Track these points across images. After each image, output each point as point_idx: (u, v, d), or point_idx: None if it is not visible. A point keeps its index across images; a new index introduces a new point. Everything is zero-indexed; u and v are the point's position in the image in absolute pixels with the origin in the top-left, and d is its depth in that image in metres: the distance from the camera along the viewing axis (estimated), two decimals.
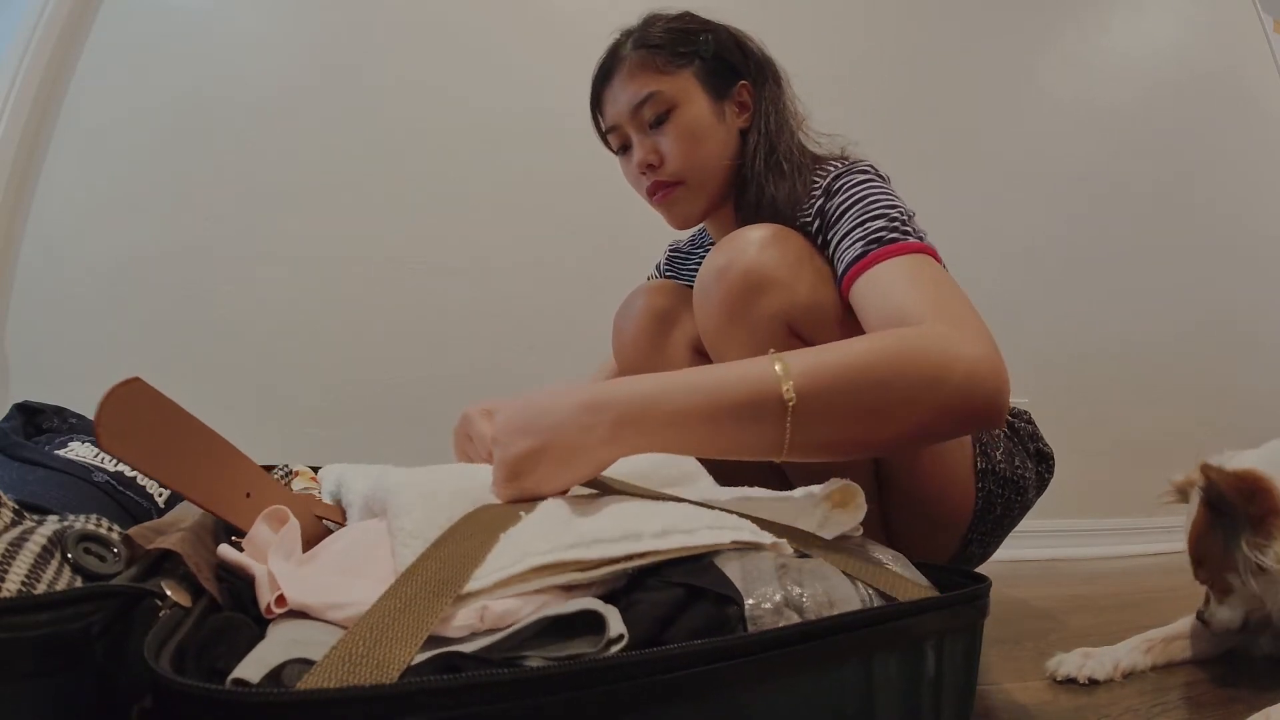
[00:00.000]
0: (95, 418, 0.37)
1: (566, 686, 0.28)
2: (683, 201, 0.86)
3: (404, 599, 0.33)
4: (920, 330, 0.55)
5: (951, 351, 0.53)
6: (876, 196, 0.71)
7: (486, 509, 0.44)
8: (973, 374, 0.53)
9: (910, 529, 0.81)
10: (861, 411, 0.51)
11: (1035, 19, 1.89)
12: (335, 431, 1.34)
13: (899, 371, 0.52)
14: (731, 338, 0.75)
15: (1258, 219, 2.01)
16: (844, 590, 0.41)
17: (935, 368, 0.52)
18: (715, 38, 0.85)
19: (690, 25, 0.85)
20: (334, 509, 0.58)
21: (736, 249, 0.73)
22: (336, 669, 0.27)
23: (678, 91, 0.82)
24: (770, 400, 0.50)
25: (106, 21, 1.35)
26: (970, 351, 0.53)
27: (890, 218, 0.68)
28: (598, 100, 0.88)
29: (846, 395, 0.51)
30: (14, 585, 0.31)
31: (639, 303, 0.93)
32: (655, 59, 0.82)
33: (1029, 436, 0.87)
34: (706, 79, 0.84)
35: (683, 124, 0.82)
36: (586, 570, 0.38)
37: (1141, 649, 0.74)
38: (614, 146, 0.90)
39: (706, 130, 0.83)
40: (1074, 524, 1.64)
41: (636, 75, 0.83)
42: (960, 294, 0.62)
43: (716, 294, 0.74)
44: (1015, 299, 1.75)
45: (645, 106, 0.82)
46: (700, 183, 0.84)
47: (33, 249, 1.27)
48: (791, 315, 0.72)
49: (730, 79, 0.85)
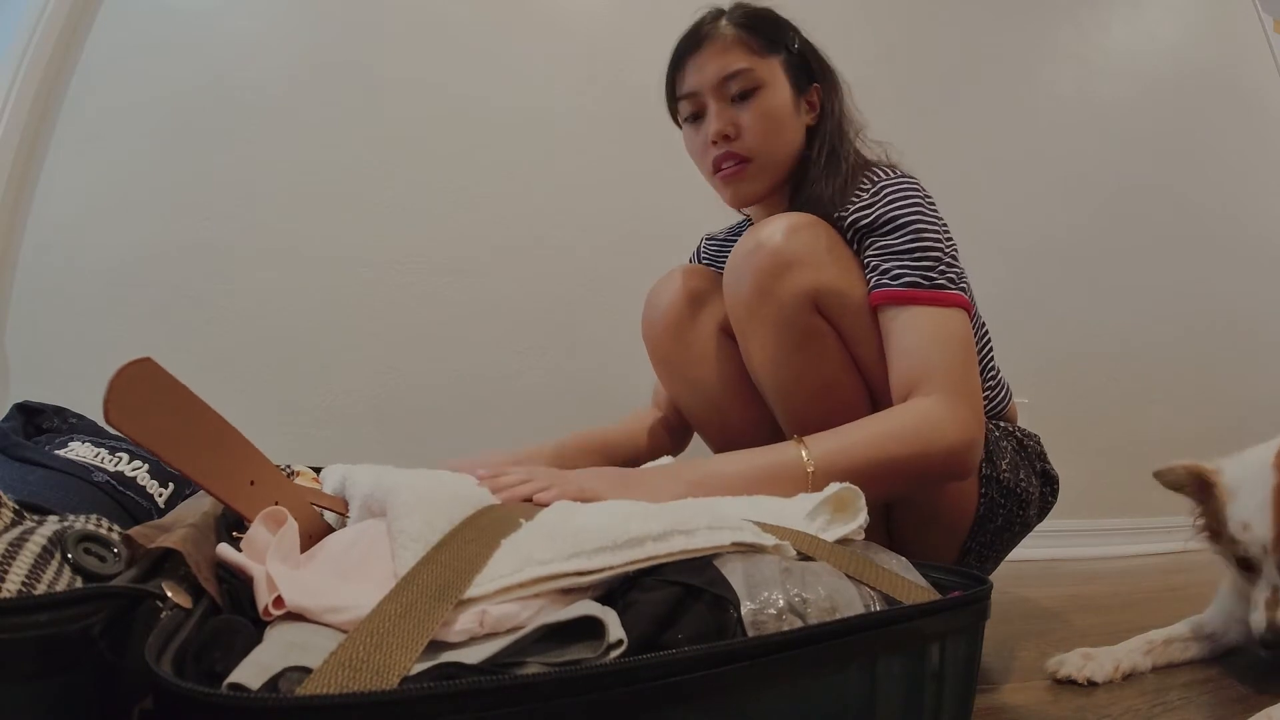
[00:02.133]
0: (105, 393, 0.37)
1: (566, 692, 0.28)
2: (748, 180, 0.89)
3: (404, 604, 0.33)
4: (915, 414, 0.70)
5: (936, 437, 0.69)
6: (930, 229, 0.77)
7: (487, 512, 0.44)
8: (951, 453, 0.69)
9: (911, 529, 0.81)
10: (864, 480, 0.62)
11: (1035, 18, 1.89)
12: (336, 431, 1.34)
13: (893, 454, 0.68)
14: (760, 315, 0.78)
15: (1258, 218, 2.01)
16: (847, 594, 0.41)
17: (922, 450, 0.68)
18: (799, 38, 0.90)
19: (780, 19, 0.90)
20: (335, 499, 0.58)
21: (767, 233, 0.77)
22: (336, 674, 0.27)
23: (767, 74, 0.86)
24: (797, 473, 0.66)
25: (106, 21, 1.35)
26: (953, 435, 0.69)
27: (938, 262, 0.75)
28: (679, 65, 0.90)
29: (853, 472, 0.64)
30: (14, 586, 0.31)
31: (674, 282, 0.96)
32: (753, 39, 0.86)
33: (1036, 456, 0.88)
34: (790, 71, 0.88)
35: (766, 105, 0.86)
36: (586, 575, 0.38)
37: (1141, 650, 0.74)
38: (684, 114, 0.92)
39: (785, 117, 0.87)
40: (1074, 524, 1.65)
41: (732, 48, 0.86)
42: (967, 359, 0.73)
43: (747, 272, 0.78)
44: (1015, 298, 1.75)
45: (734, 80, 0.85)
46: (767, 165, 0.88)
47: (33, 249, 1.27)
48: (818, 296, 0.76)
49: (807, 78, 0.90)
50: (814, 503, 0.52)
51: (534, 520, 0.44)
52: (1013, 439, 0.87)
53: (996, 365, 0.94)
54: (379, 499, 0.47)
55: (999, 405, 0.93)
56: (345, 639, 0.30)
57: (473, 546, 0.39)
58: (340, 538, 0.47)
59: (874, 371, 0.78)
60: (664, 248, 1.21)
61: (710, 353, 0.92)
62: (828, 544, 0.47)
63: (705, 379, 0.93)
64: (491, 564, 0.37)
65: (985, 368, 0.91)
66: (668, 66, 0.91)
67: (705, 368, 0.92)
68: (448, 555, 0.38)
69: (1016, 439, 0.87)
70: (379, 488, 0.48)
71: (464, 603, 0.34)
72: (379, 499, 0.47)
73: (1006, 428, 0.88)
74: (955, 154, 1.77)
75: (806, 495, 0.54)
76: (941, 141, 1.76)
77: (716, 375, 0.92)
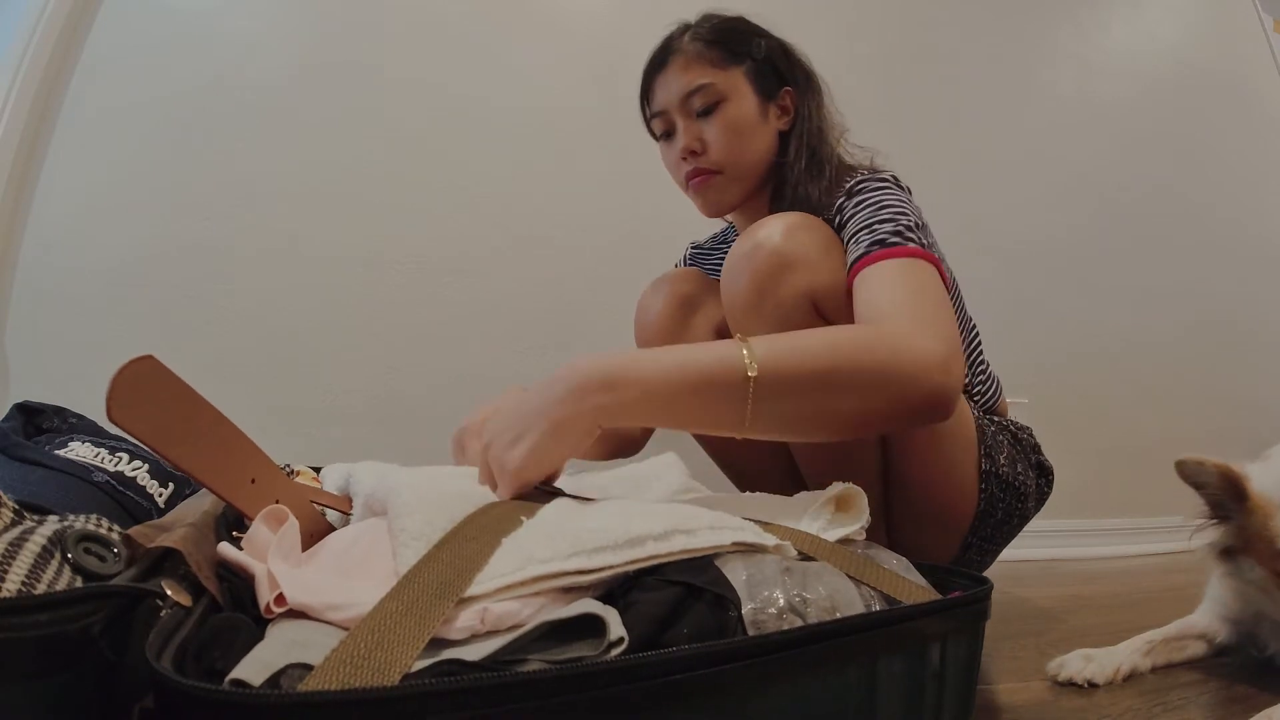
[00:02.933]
0: (107, 391, 0.38)
1: (566, 689, 0.28)
2: (717, 190, 0.89)
3: (406, 602, 0.33)
4: (879, 327, 0.62)
5: (902, 346, 0.59)
6: (890, 202, 0.75)
7: (488, 510, 0.44)
8: (918, 365, 0.58)
9: (912, 526, 0.81)
10: (816, 392, 0.57)
11: (1035, 18, 1.89)
12: (336, 431, 1.34)
13: (850, 358, 0.57)
14: (759, 316, 0.77)
15: (1258, 218, 2.01)
16: (847, 593, 0.41)
17: (884, 358, 0.58)
18: (767, 43, 0.90)
19: (745, 27, 0.90)
20: (336, 497, 0.58)
21: (765, 233, 0.76)
22: (338, 671, 0.27)
23: (728, 86, 0.86)
24: (735, 375, 0.55)
25: (106, 21, 1.35)
26: (920, 346, 0.59)
27: (897, 223, 0.72)
28: (649, 85, 0.92)
29: (802, 377, 0.56)
30: (14, 585, 0.31)
31: (664, 288, 0.96)
32: (711, 52, 0.87)
33: (1031, 448, 0.89)
34: (755, 79, 0.88)
35: (729, 117, 0.86)
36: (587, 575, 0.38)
37: (1141, 650, 0.74)
38: (657, 132, 0.94)
39: (750, 126, 0.87)
40: (1074, 524, 1.65)
41: (692, 66, 0.87)
42: (937, 299, 0.66)
43: (746, 273, 0.77)
44: (1015, 298, 1.75)
45: (696, 96, 0.86)
46: (737, 175, 0.88)
47: (33, 249, 1.27)
48: (816, 295, 0.75)
49: (776, 83, 0.90)
50: (816, 503, 0.52)
51: (535, 518, 0.44)
52: (1007, 432, 0.87)
53: (986, 360, 0.94)
54: (380, 498, 0.48)
55: (990, 400, 0.93)
56: (347, 636, 0.30)
57: (474, 545, 0.39)
58: (341, 536, 0.47)
59: None
60: (664, 248, 1.21)
61: None
62: (829, 544, 0.47)
63: None
64: (493, 562, 0.37)
65: (974, 362, 0.92)
66: (640, 85, 0.92)
67: None
68: (449, 553, 0.38)
69: (1011, 432, 0.87)
70: (381, 487, 0.48)
71: (465, 600, 0.34)
72: (380, 498, 0.48)
73: (1000, 422, 0.88)
74: (955, 154, 1.77)
75: (808, 494, 0.54)
76: (941, 141, 1.76)
77: None
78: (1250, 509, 0.68)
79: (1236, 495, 0.70)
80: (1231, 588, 0.77)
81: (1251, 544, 0.69)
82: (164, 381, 0.42)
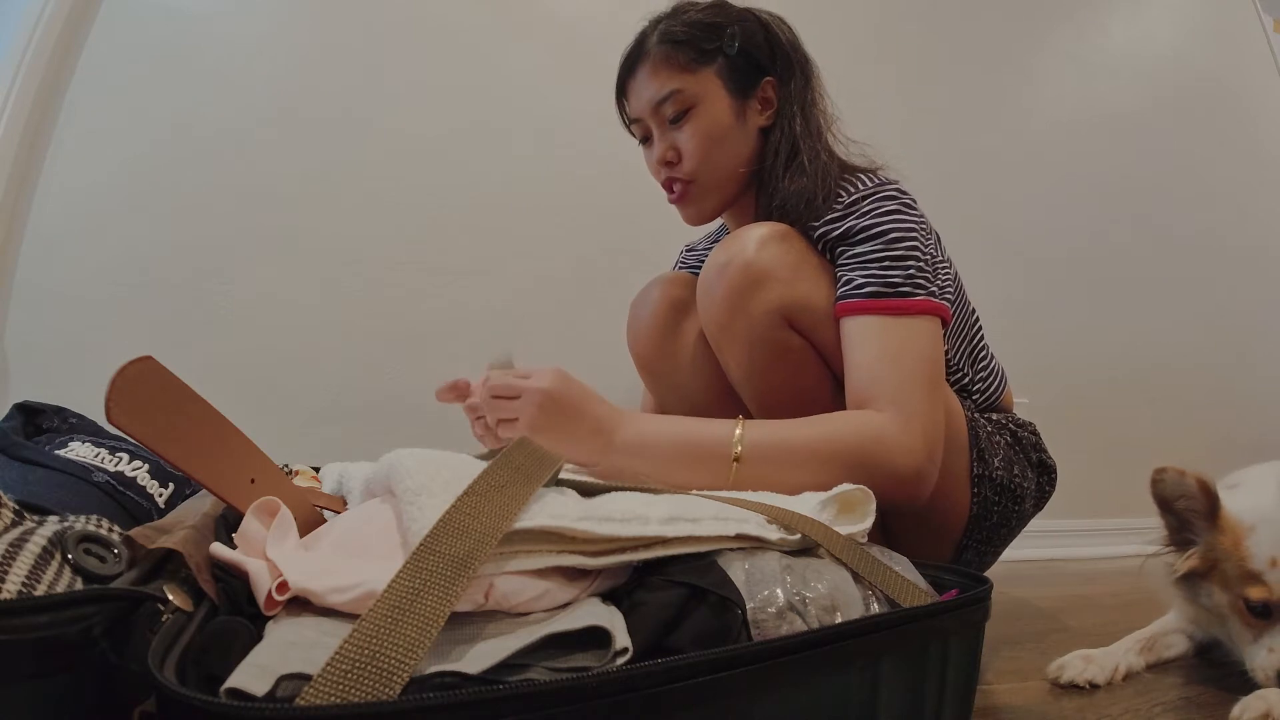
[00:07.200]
0: (107, 392, 0.37)
1: (571, 700, 0.28)
2: (694, 200, 0.87)
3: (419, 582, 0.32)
4: (861, 427, 0.66)
5: (880, 452, 0.65)
6: (901, 235, 0.72)
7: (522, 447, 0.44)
8: (896, 473, 0.65)
9: (905, 533, 0.81)
10: (795, 474, 0.64)
11: (1035, 19, 1.89)
12: (336, 431, 1.34)
13: (829, 458, 0.65)
14: (732, 330, 0.77)
15: (1257, 219, 2.01)
16: (848, 591, 0.41)
17: (862, 461, 0.64)
18: (743, 31, 0.84)
19: (718, 19, 0.84)
20: (335, 499, 0.58)
21: (738, 247, 0.76)
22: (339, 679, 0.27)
23: (698, 90, 0.83)
24: (721, 453, 0.66)
25: (106, 21, 1.35)
26: (900, 448, 0.65)
27: (907, 266, 0.71)
28: (623, 89, 0.90)
29: (783, 468, 0.65)
30: (14, 586, 0.31)
31: (655, 292, 0.95)
32: (678, 56, 0.83)
33: (1032, 446, 0.87)
34: (729, 77, 0.84)
35: (701, 124, 0.83)
36: (594, 556, 0.38)
37: (1136, 649, 0.75)
38: (637, 136, 0.92)
39: (724, 132, 0.84)
40: (1074, 524, 1.65)
41: (659, 71, 0.83)
42: (931, 374, 0.70)
43: (718, 289, 0.76)
44: (1015, 300, 1.75)
45: (666, 104, 0.84)
46: (713, 183, 0.86)
47: (33, 249, 1.27)
48: (789, 310, 0.75)
49: (754, 76, 0.85)
50: (822, 499, 0.52)
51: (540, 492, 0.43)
52: (1006, 432, 0.85)
53: (991, 353, 0.93)
54: (380, 479, 0.47)
55: (993, 395, 0.91)
56: (349, 634, 0.29)
57: (505, 493, 0.38)
58: (340, 520, 0.47)
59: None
60: (664, 249, 1.21)
61: (694, 360, 0.91)
62: (841, 535, 0.47)
63: (690, 386, 0.92)
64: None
65: (978, 356, 0.90)
66: (615, 87, 0.90)
67: (690, 375, 0.91)
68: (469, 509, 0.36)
69: (1010, 431, 0.86)
70: (380, 466, 0.47)
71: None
72: (380, 479, 0.47)
73: (1000, 420, 0.86)
74: (954, 154, 1.77)
75: (812, 494, 0.54)
76: (940, 142, 1.76)
77: (701, 382, 0.90)
78: (1221, 527, 0.67)
79: (1209, 512, 0.68)
80: (1189, 614, 0.76)
81: (1219, 565, 0.67)
82: (163, 382, 0.41)
